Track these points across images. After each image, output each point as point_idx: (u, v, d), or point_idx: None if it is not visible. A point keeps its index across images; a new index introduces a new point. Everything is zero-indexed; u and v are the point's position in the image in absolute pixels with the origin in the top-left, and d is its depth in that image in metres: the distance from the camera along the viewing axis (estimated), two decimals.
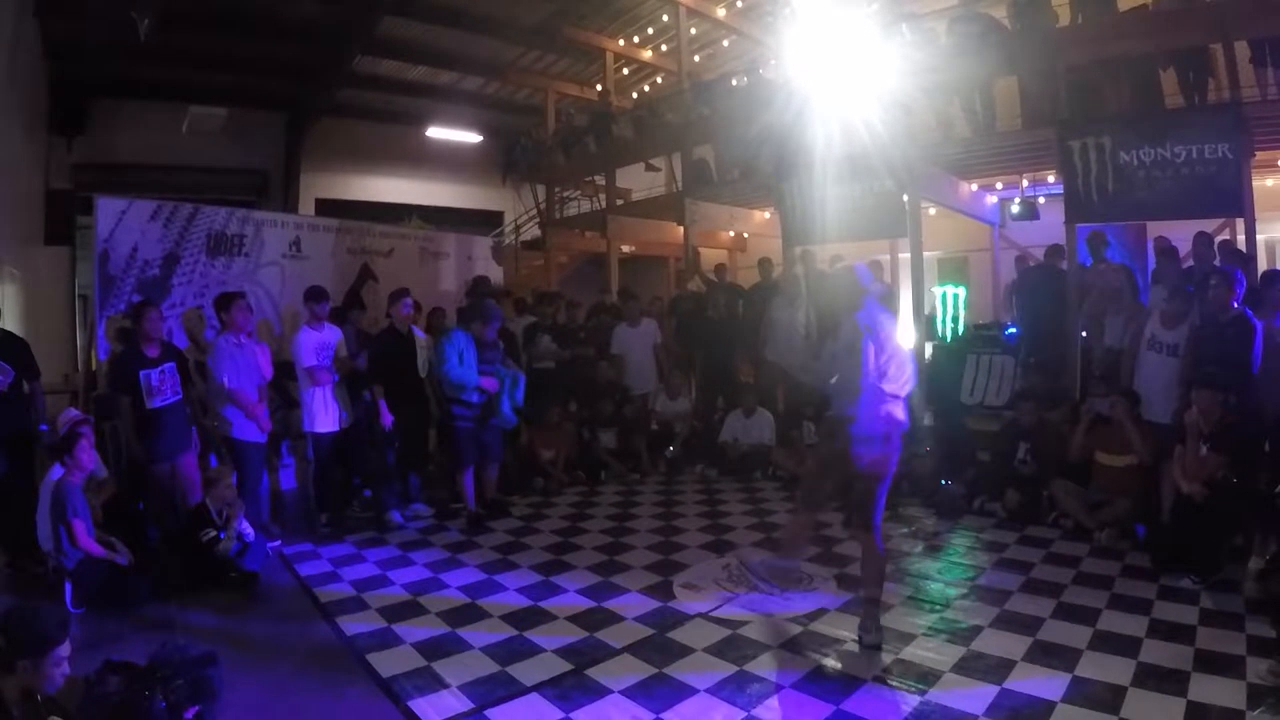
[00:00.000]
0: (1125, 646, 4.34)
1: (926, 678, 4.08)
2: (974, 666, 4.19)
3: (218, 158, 16.15)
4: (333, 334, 7.40)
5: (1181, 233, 8.39)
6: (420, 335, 7.80)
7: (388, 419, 7.27)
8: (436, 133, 18.26)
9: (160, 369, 6.39)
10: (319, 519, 7.28)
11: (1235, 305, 6.11)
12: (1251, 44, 8.03)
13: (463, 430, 7.42)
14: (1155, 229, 9.21)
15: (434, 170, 19.27)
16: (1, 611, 3.03)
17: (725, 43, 15.64)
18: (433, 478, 8.31)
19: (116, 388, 6.39)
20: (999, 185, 11.91)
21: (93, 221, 8.29)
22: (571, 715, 3.83)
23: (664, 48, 15.64)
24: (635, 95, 17.08)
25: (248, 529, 6.10)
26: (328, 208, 17.11)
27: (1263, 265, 8.25)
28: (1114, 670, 4.05)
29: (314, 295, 7.44)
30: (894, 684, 4.03)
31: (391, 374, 7.36)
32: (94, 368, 8.07)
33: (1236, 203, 7.60)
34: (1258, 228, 7.90)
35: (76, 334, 11.70)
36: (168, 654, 3.75)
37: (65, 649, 2.98)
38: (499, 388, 7.44)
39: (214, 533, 5.88)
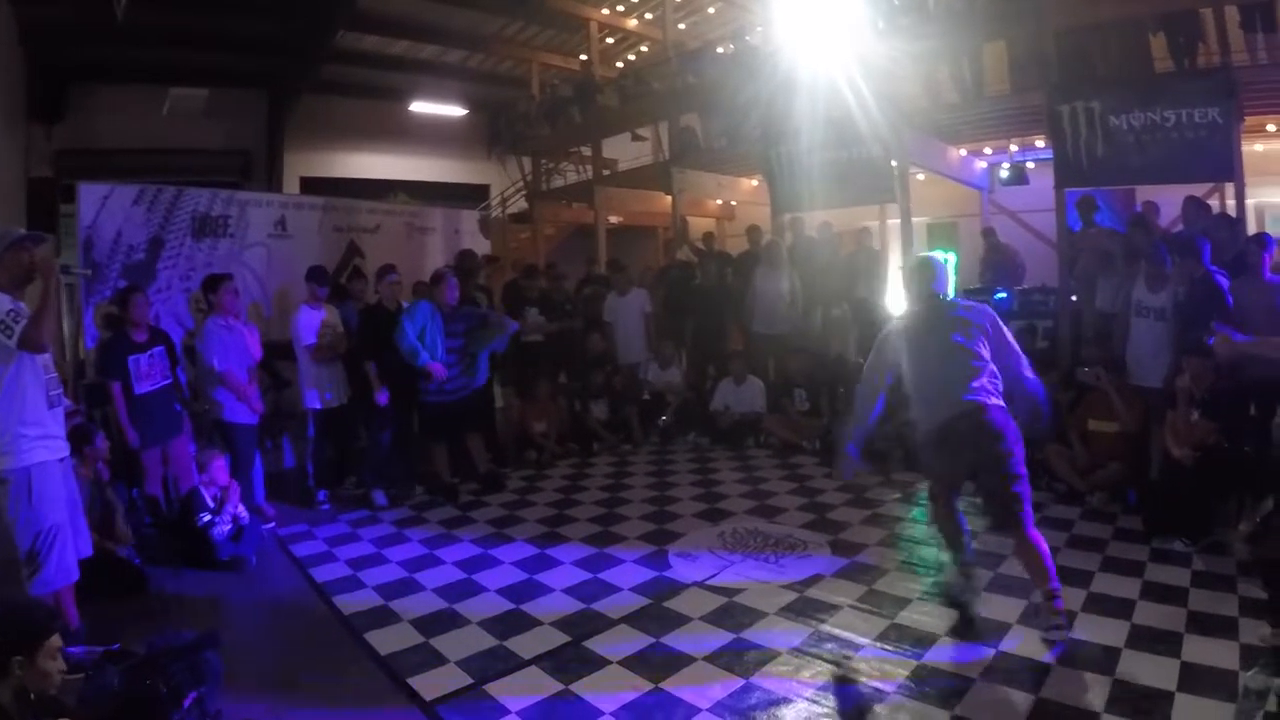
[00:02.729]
0: (1119, 608, 4.37)
1: (923, 641, 4.11)
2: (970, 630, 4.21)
3: (200, 139, 15.97)
4: (330, 314, 7.43)
5: (1172, 197, 8.40)
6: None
7: (383, 397, 7.21)
8: (420, 107, 18.12)
9: (149, 353, 6.36)
10: (317, 497, 7.28)
11: (1206, 266, 6.13)
12: (1241, 9, 8.02)
13: (428, 404, 7.40)
14: (1144, 193, 9.22)
15: (419, 145, 19.11)
16: None
17: (710, 10, 15.51)
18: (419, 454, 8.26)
19: (105, 374, 6.33)
20: (987, 150, 11.91)
21: (75, 209, 8.19)
22: (570, 687, 3.84)
23: (648, 16, 15.53)
24: (620, 65, 16.93)
25: (243, 512, 6.08)
26: (312, 186, 16.94)
27: (1252, 229, 8.25)
28: (1108, 632, 4.08)
29: (315, 276, 7.47)
30: (891, 648, 4.06)
31: (381, 351, 7.26)
32: (81, 355, 8.00)
33: (1226, 167, 7.61)
34: (1247, 192, 7.90)
35: (63, 322, 11.61)
36: (165, 640, 3.73)
37: (57, 640, 2.93)
38: (445, 375, 7.30)
39: (209, 517, 5.85)
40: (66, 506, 4.08)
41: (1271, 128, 9.55)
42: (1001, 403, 4.16)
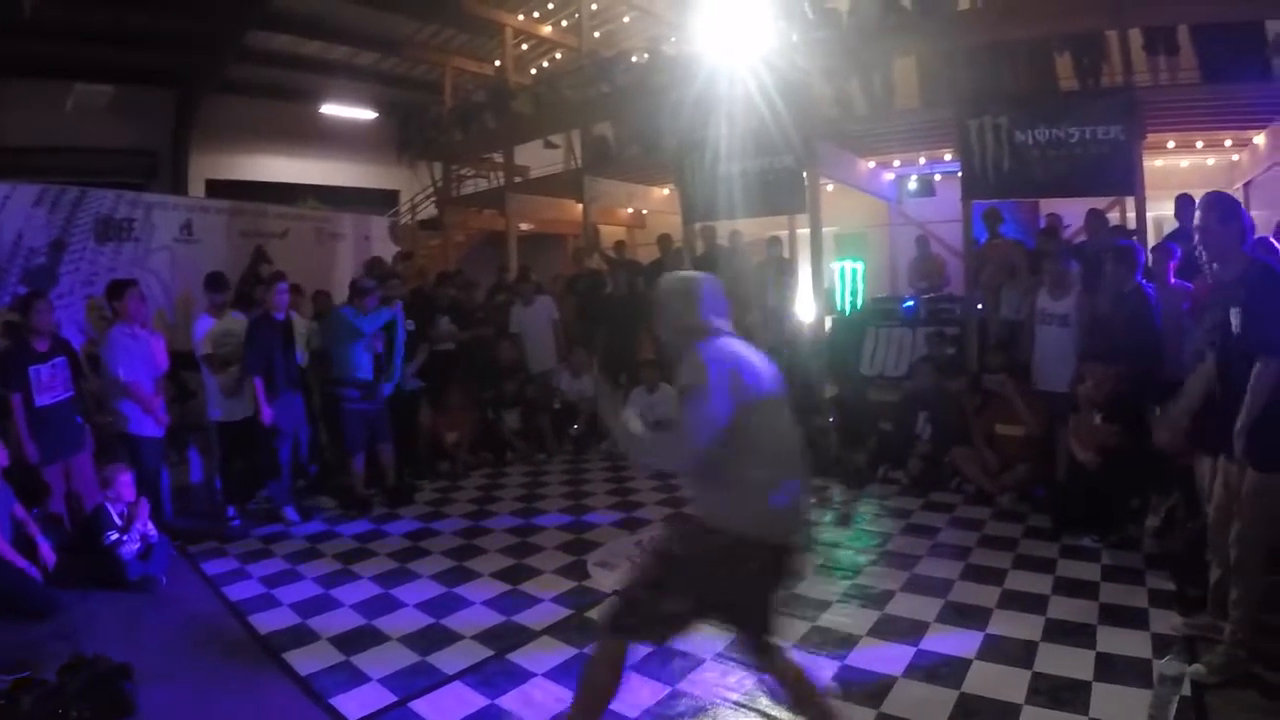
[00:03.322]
0: (1033, 604, 4.47)
1: (845, 642, 4.14)
2: (889, 629, 4.27)
3: (105, 138, 15.50)
4: (230, 322, 7.15)
5: (1074, 209, 8.67)
6: (299, 321, 7.55)
7: (267, 413, 6.82)
8: (331, 109, 17.88)
9: (50, 363, 6.02)
10: (226, 513, 7.01)
11: (1138, 279, 6.33)
12: (1145, 31, 8.34)
13: (351, 412, 7.23)
14: (1049, 206, 9.51)
15: (329, 149, 18.83)
16: None
17: (626, 19, 15.58)
18: (330, 467, 8.03)
19: (5, 385, 5.95)
20: (896, 163, 12.17)
21: None
22: (496, 701, 3.77)
23: (564, 23, 15.51)
24: (534, 71, 16.87)
25: (151, 529, 5.81)
26: (219, 189, 16.56)
27: (1148, 242, 8.56)
28: (1024, 626, 4.17)
29: (212, 283, 7.18)
30: (813, 650, 4.06)
31: (269, 363, 6.93)
32: None
33: (1128, 182, 7.91)
34: (1146, 205, 8.19)
35: None
36: (79, 668, 3.56)
37: None
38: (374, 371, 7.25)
39: (116, 535, 5.57)
40: None
41: (1171, 144, 9.97)
42: None
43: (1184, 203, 7.54)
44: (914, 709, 3.47)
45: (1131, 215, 8.23)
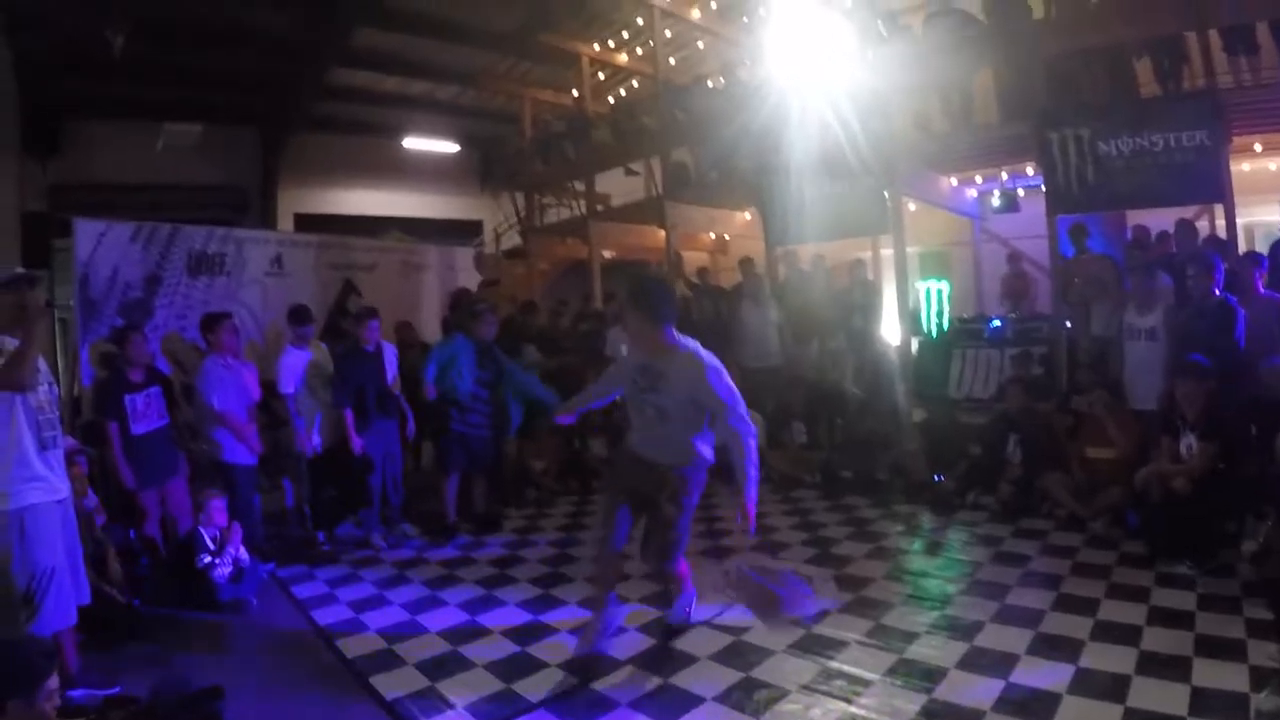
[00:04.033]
0: (1126, 635, 4.36)
1: (932, 675, 4.09)
2: (978, 662, 4.20)
3: (195, 175, 16.10)
4: (317, 353, 7.44)
5: (1162, 220, 8.49)
6: (389, 350, 7.71)
7: (357, 443, 7.09)
8: (413, 143, 18.25)
9: (145, 393, 6.35)
10: (316, 539, 7.23)
11: (1216, 290, 6.18)
12: (1224, 32, 8.11)
13: (455, 433, 7.42)
14: (1135, 217, 9.30)
15: (412, 181, 19.26)
16: None
17: (700, 44, 15.62)
18: (421, 493, 8.21)
19: (102, 413, 6.32)
20: (978, 179, 12.00)
21: (69, 244, 8.18)
22: None
23: (639, 51, 15.62)
24: (612, 99, 17.04)
25: (243, 553, 6.06)
26: (306, 222, 17.07)
27: (1243, 248, 8.33)
28: (1117, 659, 4.07)
29: (297, 316, 7.43)
30: (900, 683, 4.03)
31: (360, 394, 7.21)
32: (76, 394, 7.98)
33: (1216, 188, 7.70)
34: (1237, 212, 7.97)
35: (57, 359, 11.57)
36: (168, 688, 3.70)
37: (54, 681, 2.91)
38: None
39: (209, 558, 5.83)
40: (64, 549, 4.05)
41: (1258, 147, 9.67)
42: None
43: None
44: None
45: (1222, 223, 7.97)
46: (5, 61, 12.22)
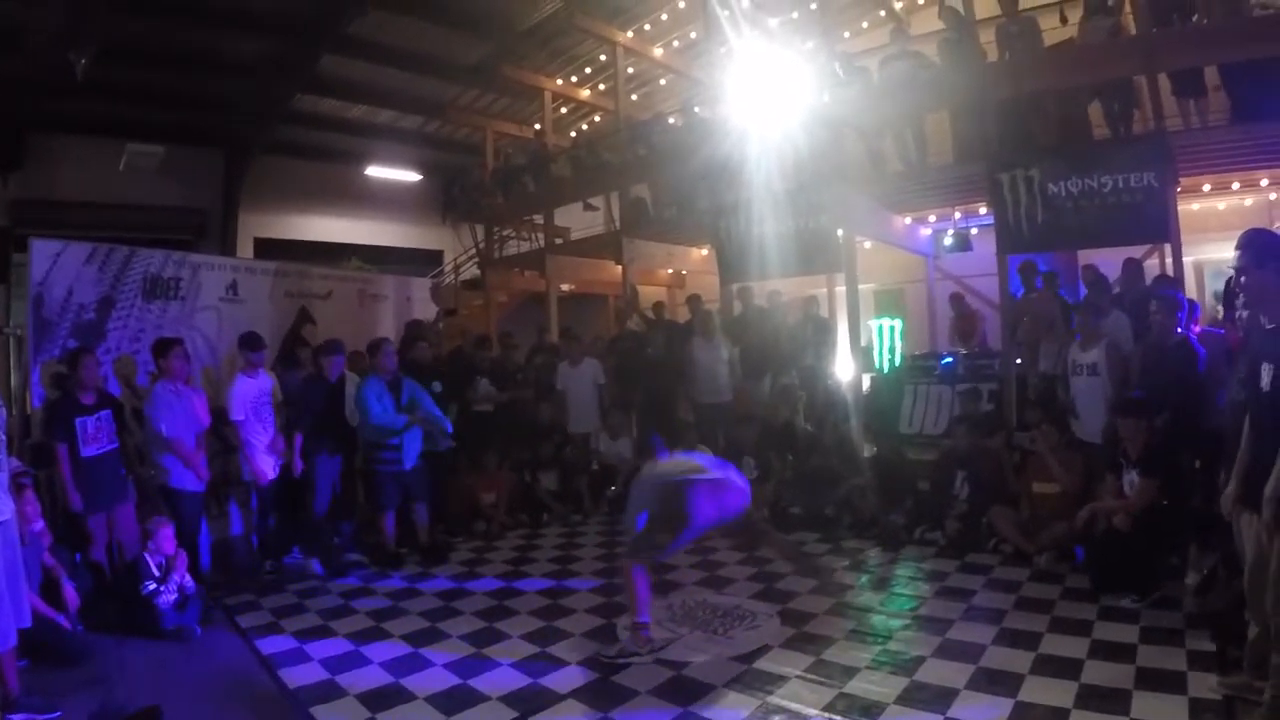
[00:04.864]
0: (1067, 669, 4.35)
1: (870, 710, 4.05)
2: (917, 697, 4.17)
3: (156, 196, 15.93)
4: (267, 381, 7.32)
5: (1112, 259, 8.59)
6: (350, 382, 7.72)
7: (298, 465, 7.12)
8: (376, 171, 18.25)
9: (96, 416, 6.27)
10: (263, 566, 7.16)
11: (1178, 330, 6.26)
12: (1173, 76, 8.30)
13: (384, 473, 7.42)
14: (1085, 256, 9.43)
15: (374, 209, 19.20)
16: None
17: (662, 81, 15.85)
18: (366, 525, 8.12)
19: (52, 435, 6.22)
20: (932, 218, 12.15)
21: (28, 262, 8.08)
22: None
23: (602, 86, 15.78)
24: (573, 134, 17.14)
25: (188, 580, 5.95)
26: (267, 247, 16.94)
27: (1190, 287, 8.47)
28: (1057, 693, 4.05)
29: (248, 343, 7.34)
30: (839, 718, 3.99)
31: (316, 421, 7.23)
32: (28, 413, 7.82)
33: (1163, 229, 7.81)
34: (1185, 250, 8.11)
35: (10, 376, 11.34)
36: (108, 712, 3.61)
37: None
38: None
39: (154, 585, 5.73)
40: (4, 572, 3.95)
41: (1207, 188, 9.91)
42: None
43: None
44: None
45: (1170, 261, 8.10)
46: None
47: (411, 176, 18.76)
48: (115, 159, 14.93)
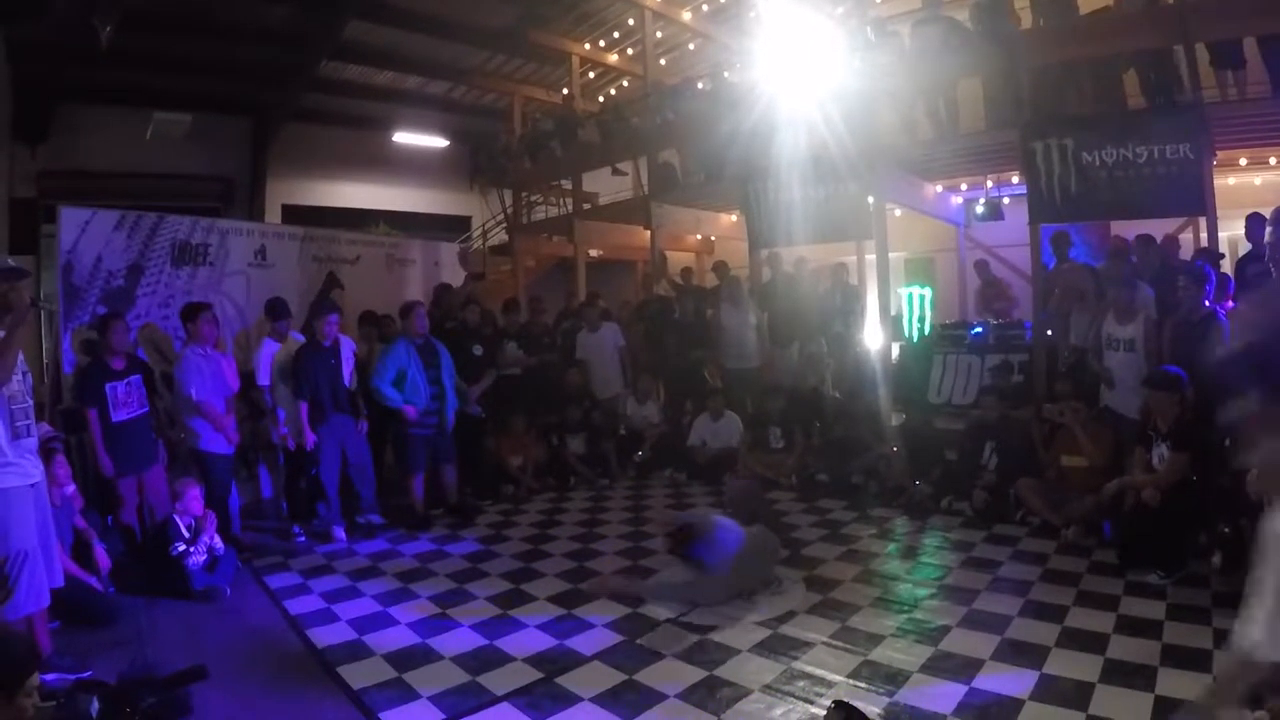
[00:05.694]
0: (1093, 643, 4.35)
1: (895, 678, 4.07)
2: (943, 666, 4.19)
3: (183, 164, 15.92)
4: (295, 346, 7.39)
5: (1146, 231, 8.47)
6: (347, 345, 7.68)
7: (309, 438, 7.11)
8: (403, 138, 18.16)
9: (126, 381, 6.34)
10: (292, 530, 7.25)
11: (1206, 303, 6.18)
12: (1211, 46, 8.12)
13: (415, 436, 7.51)
14: (1119, 228, 9.31)
15: (401, 175, 19.15)
16: None
17: (691, 46, 15.67)
18: (392, 487, 8.19)
19: (82, 401, 6.30)
20: (964, 186, 12.02)
21: (56, 231, 8.15)
22: None
23: (630, 51, 15.63)
24: (601, 99, 17.05)
25: (217, 542, 6.04)
26: (294, 214, 16.95)
27: (1226, 261, 8.34)
28: (1082, 667, 4.05)
29: (273, 310, 7.43)
30: (863, 685, 4.02)
31: (315, 389, 7.18)
32: (59, 379, 7.94)
33: (1199, 202, 7.69)
34: (1220, 225, 7.98)
35: (42, 345, 11.47)
36: (137, 671, 3.67)
37: (36, 679, 2.87)
38: (416, 417, 7.46)
39: (183, 546, 5.81)
40: (37, 532, 4.03)
41: (1243, 161, 9.70)
42: None
43: (1254, 222, 7.37)
44: None
45: (1205, 235, 7.98)
46: None
47: (439, 142, 18.69)
48: (142, 128, 14.89)
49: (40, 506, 4.13)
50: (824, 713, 3.59)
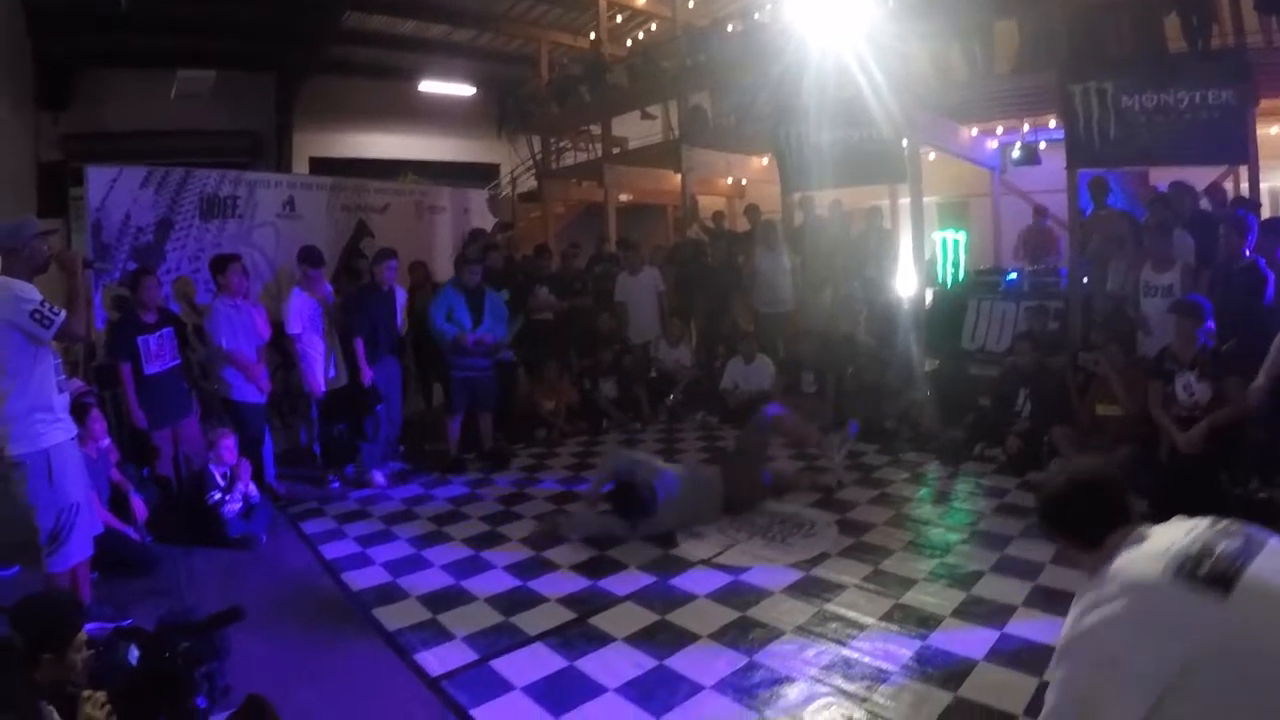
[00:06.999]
0: None
1: (927, 622, 4.10)
2: (975, 611, 4.20)
3: (208, 120, 15.98)
4: (325, 291, 7.50)
5: (1186, 179, 8.31)
6: (400, 292, 7.83)
7: (367, 374, 7.20)
8: (429, 87, 18.06)
9: (158, 334, 6.40)
10: (326, 477, 7.36)
11: (1246, 252, 6.08)
12: None
13: (457, 379, 7.60)
14: (1158, 174, 9.14)
15: (428, 125, 19.10)
16: (12, 605, 2.95)
17: None
18: (430, 430, 8.34)
19: (115, 355, 6.37)
20: (999, 130, 11.78)
21: (84, 192, 8.20)
22: (575, 664, 3.86)
23: None
24: (629, 43, 16.85)
25: (253, 490, 6.16)
26: (322, 166, 16.94)
27: (1267, 212, 8.19)
28: None
29: (306, 257, 7.46)
30: (895, 629, 4.05)
31: (373, 329, 7.32)
32: (92, 336, 8.04)
33: (1240, 150, 7.51)
34: (1261, 175, 7.81)
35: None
36: (174, 617, 3.74)
37: (84, 635, 2.93)
38: (473, 344, 7.56)
39: (219, 495, 5.93)
40: (80, 484, 4.13)
41: None
42: None
43: None
44: (993, 694, 3.42)
45: (1245, 185, 7.82)
46: (17, 15, 12.15)
47: (465, 90, 18.56)
48: (166, 88, 14.91)
49: (77, 458, 4.22)
50: (856, 655, 3.63)
